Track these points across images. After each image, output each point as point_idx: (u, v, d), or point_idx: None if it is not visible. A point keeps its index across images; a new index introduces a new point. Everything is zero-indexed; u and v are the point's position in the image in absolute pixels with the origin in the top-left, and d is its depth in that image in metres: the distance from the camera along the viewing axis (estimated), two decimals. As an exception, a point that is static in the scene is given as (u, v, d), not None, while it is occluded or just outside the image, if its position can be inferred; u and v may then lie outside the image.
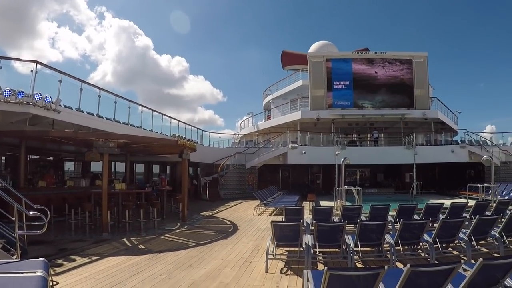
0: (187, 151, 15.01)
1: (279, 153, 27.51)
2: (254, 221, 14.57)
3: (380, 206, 11.73)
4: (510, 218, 8.78)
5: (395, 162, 28.68)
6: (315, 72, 30.30)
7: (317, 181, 32.71)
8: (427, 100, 31.18)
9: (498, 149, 29.93)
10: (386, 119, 31.04)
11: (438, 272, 4.41)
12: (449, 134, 32.63)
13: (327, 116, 29.77)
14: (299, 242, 7.64)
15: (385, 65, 30.92)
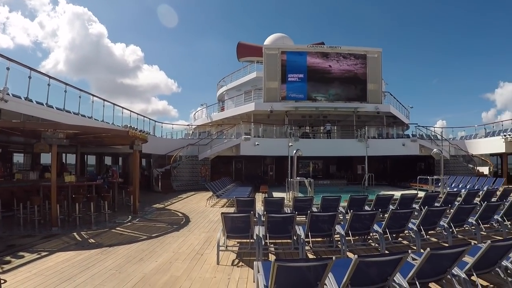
0: (138, 142, 14.72)
1: (232, 145, 27.41)
2: (206, 212, 14.49)
3: (331, 197, 11.92)
4: (458, 209, 9.20)
5: (347, 154, 29.39)
6: (270, 64, 30.36)
7: (270, 173, 32.83)
8: (380, 94, 31.88)
9: (448, 143, 31.24)
10: (339, 112, 31.52)
11: (386, 262, 4.56)
12: (401, 128, 33.70)
13: (280, 108, 29.95)
14: (250, 234, 7.68)
15: (339, 59, 31.33)
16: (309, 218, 7.99)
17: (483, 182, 21.38)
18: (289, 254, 7.95)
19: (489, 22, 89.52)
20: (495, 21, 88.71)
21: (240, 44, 39.99)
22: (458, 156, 31.16)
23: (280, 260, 4.09)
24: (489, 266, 5.46)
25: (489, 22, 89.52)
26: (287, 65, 30.62)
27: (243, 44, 39.90)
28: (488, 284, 5.83)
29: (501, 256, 5.37)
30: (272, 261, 3.98)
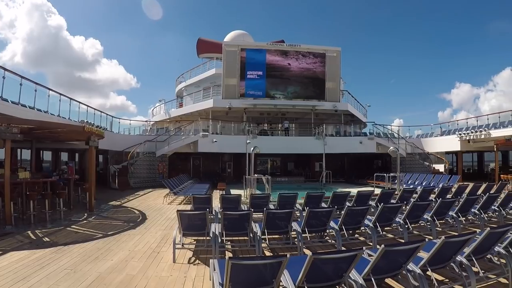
0: (94, 137, 14.46)
1: (190, 141, 27.22)
2: (163, 210, 14.40)
3: (288, 195, 11.97)
4: (413, 205, 9.43)
5: (305, 151, 29.77)
6: (229, 61, 30.21)
7: (228, 170, 32.92)
8: (338, 93, 32.30)
9: (405, 141, 32.17)
10: (298, 110, 31.82)
11: (340, 259, 4.64)
12: (358, 126, 34.28)
13: (239, 105, 29.93)
14: (206, 231, 7.67)
15: (298, 58, 31.50)
16: (265, 215, 7.97)
17: (439, 179, 21.94)
18: (246, 251, 7.98)
19: (446, 26, 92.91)
20: (452, 25, 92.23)
21: (200, 40, 39.75)
22: (415, 154, 32.21)
23: (233, 258, 4.10)
24: (444, 261, 5.61)
25: (446, 26, 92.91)
26: (247, 62, 30.53)
27: (203, 40, 39.66)
28: (444, 278, 6.02)
29: (456, 251, 5.52)
30: (226, 259, 4.00)
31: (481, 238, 5.56)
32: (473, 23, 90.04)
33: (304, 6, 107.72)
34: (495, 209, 11.56)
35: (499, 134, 27.52)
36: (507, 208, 11.92)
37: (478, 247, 5.64)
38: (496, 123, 29.55)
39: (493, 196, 11.59)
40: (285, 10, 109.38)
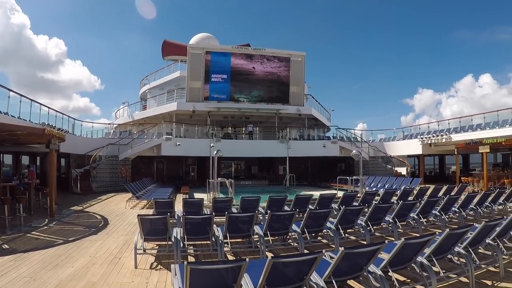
0: (55, 140, 14.21)
1: (153, 145, 27.01)
2: (126, 215, 14.27)
3: (251, 198, 12.02)
4: (375, 208, 9.62)
5: (269, 155, 30.03)
6: (194, 63, 30.05)
7: (192, 174, 32.72)
8: (302, 97, 32.73)
9: (367, 145, 32.80)
10: (262, 113, 32.13)
11: (301, 262, 4.70)
12: (322, 130, 34.83)
13: (203, 109, 29.92)
14: (168, 236, 7.63)
15: (263, 62, 31.63)
16: (227, 219, 8.03)
17: (401, 182, 22.50)
18: (208, 255, 7.98)
19: (409, 34, 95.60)
20: (415, 33, 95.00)
21: (165, 42, 39.48)
22: (377, 157, 32.90)
23: (192, 263, 4.10)
24: (405, 262, 5.72)
25: (409, 34, 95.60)
26: (211, 65, 30.46)
27: (168, 42, 39.40)
28: (406, 279, 6.17)
29: (416, 252, 5.63)
30: (185, 264, 3.98)
31: (441, 239, 5.73)
32: (436, 31, 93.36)
33: (270, 11, 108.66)
34: (455, 210, 11.96)
35: (459, 138, 28.40)
36: (467, 209, 12.38)
37: (438, 248, 5.81)
38: (457, 128, 30.57)
39: (453, 198, 12.05)
40: (252, 15, 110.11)
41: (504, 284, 6.06)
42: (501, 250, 6.78)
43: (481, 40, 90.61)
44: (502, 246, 6.99)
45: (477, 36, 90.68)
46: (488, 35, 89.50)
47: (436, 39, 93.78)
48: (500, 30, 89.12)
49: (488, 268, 6.71)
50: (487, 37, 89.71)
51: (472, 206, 12.62)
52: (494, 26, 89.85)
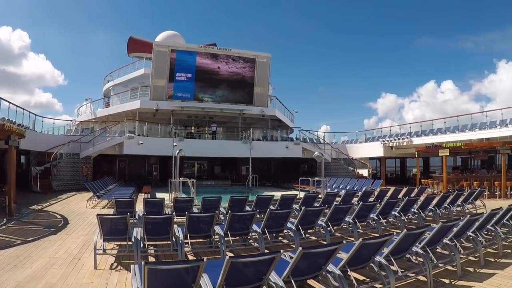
0: (14, 137, 13.95)
1: (115, 143, 26.70)
2: (86, 214, 14.10)
3: (212, 198, 12.11)
4: (335, 208, 9.81)
5: (232, 155, 30.14)
6: (159, 61, 29.76)
7: (155, 173, 32.54)
8: (266, 98, 32.96)
9: (330, 147, 33.44)
10: (225, 113, 32.19)
11: (259, 262, 4.74)
12: (285, 131, 35.27)
13: (166, 107, 29.74)
14: (128, 236, 7.58)
15: (228, 62, 31.66)
16: (187, 219, 8.03)
17: (362, 184, 22.86)
18: (169, 256, 7.99)
19: (374, 39, 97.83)
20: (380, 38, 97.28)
21: (131, 38, 38.98)
22: (340, 159, 33.63)
23: (150, 263, 4.11)
24: (364, 262, 5.82)
25: (374, 39, 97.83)
26: (176, 64, 30.27)
27: (134, 39, 38.90)
28: (365, 278, 6.31)
29: (374, 252, 5.75)
30: (142, 264, 3.98)
31: (399, 239, 5.89)
32: (401, 37, 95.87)
33: (237, 11, 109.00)
34: (414, 211, 12.25)
35: (420, 142, 29.40)
36: (426, 210, 12.70)
37: (396, 248, 5.97)
38: (418, 132, 31.63)
39: (412, 199, 12.40)
40: (219, 14, 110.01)
41: (461, 282, 6.32)
42: (458, 250, 7.05)
43: (445, 48, 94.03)
44: (459, 246, 7.27)
45: (441, 43, 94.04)
46: (452, 43, 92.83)
47: (401, 45, 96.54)
48: (464, 39, 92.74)
49: (446, 267, 6.96)
50: (450, 45, 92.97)
51: (431, 207, 12.95)
52: (457, 35, 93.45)
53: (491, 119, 26.97)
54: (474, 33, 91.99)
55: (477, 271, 6.98)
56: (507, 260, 7.71)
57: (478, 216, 7.97)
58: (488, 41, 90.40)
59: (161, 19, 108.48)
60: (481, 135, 25.57)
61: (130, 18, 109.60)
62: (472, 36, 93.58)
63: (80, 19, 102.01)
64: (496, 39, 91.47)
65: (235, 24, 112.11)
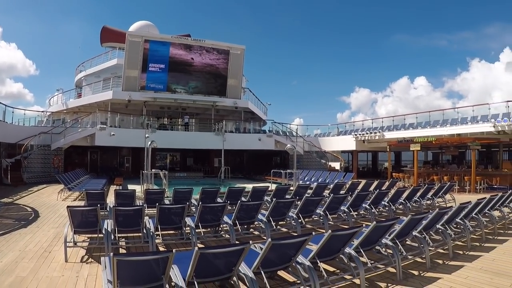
0: (-17, 129, 13.75)
1: (87, 134, 26.38)
2: (57, 207, 13.97)
3: (183, 190, 12.03)
4: (306, 200, 9.96)
5: (204, 147, 30.30)
6: (132, 51, 29.35)
7: (127, 165, 32.47)
8: (240, 90, 32.96)
9: (302, 140, 33.69)
10: (198, 105, 32.08)
11: (229, 253, 4.78)
12: (258, 123, 35.41)
13: (139, 98, 29.49)
14: (99, 228, 7.51)
15: (202, 53, 31.48)
16: (158, 211, 8.04)
17: (334, 176, 23.02)
18: (140, 247, 7.96)
19: (349, 34, 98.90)
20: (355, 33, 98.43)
21: (104, 28, 38.32)
22: (312, 152, 33.93)
23: (118, 255, 4.11)
24: (333, 253, 5.90)
25: (349, 34, 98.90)
26: (149, 54, 29.91)
27: (107, 28, 38.29)
28: (335, 269, 6.44)
29: (344, 244, 5.83)
30: (111, 255, 3.97)
31: (368, 231, 6.00)
32: (376, 34, 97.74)
33: (212, 4, 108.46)
34: (385, 204, 12.50)
35: (392, 136, 30.00)
36: (396, 203, 12.96)
37: (366, 240, 6.07)
38: (390, 126, 32.24)
39: (383, 192, 12.64)
40: (194, 7, 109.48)
41: (430, 274, 6.49)
42: (427, 242, 7.22)
43: (419, 45, 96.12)
44: (428, 239, 7.44)
45: (415, 40, 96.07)
46: (426, 40, 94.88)
47: (376, 41, 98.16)
48: (438, 37, 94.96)
49: (415, 259, 7.18)
50: (425, 42, 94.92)
51: (402, 200, 13.20)
52: (432, 33, 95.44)
53: (462, 115, 27.70)
54: (449, 31, 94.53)
55: (446, 263, 7.20)
56: (475, 252, 7.98)
57: (447, 209, 8.21)
58: (462, 39, 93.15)
59: (135, 9, 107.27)
60: (452, 131, 26.24)
61: (104, 7, 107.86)
62: (446, 34, 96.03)
63: (53, 8, 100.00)
64: (469, 38, 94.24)
65: (209, 19, 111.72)
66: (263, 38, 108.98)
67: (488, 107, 26.06)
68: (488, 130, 24.01)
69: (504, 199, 11.54)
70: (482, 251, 8.14)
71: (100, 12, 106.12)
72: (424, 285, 5.94)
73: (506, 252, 8.07)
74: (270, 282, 5.52)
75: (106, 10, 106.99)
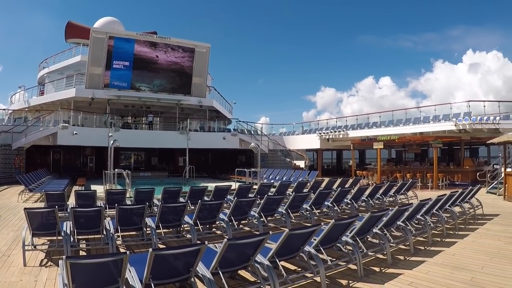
0: None
1: (49, 133, 25.92)
2: (18, 209, 13.69)
3: (145, 190, 12.05)
4: (268, 199, 10.06)
5: (169, 146, 30.22)
6: (96, 48, 28.78)
7: (90, 164, 32.10)
8: (205, 88, 32.96)
9: (267, 138, 34.02)
10: (163, 103, 31.94)
11: (186, 253, 4.72)
12: (223, 122, 35.37)
13: (102, 96, 29.10)
14: (58, 230, 7.32)
15: (167, 51, 31.29)
16: (117, 212, 7.96)
17: (298, 175, 23.48)
18: (100, 249, 7.82)
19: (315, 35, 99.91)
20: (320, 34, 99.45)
21: (69, 23, 37.29)
22: (277, 151, 34.40)
23: (72, 258, 4.08)
24: (293, 252, 5.90)
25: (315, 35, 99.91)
26: (114, 51, 29.48)
27: (73, 24, 37.30)
28: (296, 268, 6.49)
29: (303, 242, 5.82)
30: (64, 258, 3.90)
31: (327, 229, 6.04)
32: (343, 34, 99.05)
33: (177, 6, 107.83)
34: (347, 202, 12.75)
35: (356, 135, 30.78)
36: (359, 201, 13.24)
37: (325, 237, 6.13)
38: (354, 125, 33.04)
39: (345, 190, 12.90)
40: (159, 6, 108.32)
41: (391, 270, 6.65)
42: (388, 239, 7.39)
43: (385, 46, 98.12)
44: (389, 235, 7.62)
45: (381, 41, 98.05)
46: (391, 41, 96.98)
47: (342, 41, 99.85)
48: (403, 38, 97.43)
49: (377, 255, 7.30)
50: (390, 43, 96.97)
51: (364, 198, 13.40)
52: (397, 34, 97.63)
53: (425, 114, 28.78)
54: (414, 33, 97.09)
55: (407, 259, 7.39)
56: (436, 248, 8.21)
57: (407, 206, 8.42)
58: (426, 41, 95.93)
59: (103, 4, 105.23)
60: (415, 130, 27.14)
61: (70, 1, 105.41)
62: (411, 35, 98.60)
63: (15, 1, 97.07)
64: (434, 39, 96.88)
65: (175, 17, 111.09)
66: (229, 38, 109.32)
67: (450, 107, 27.15)
68: (449, 129, 25.02)
69: (464, 195, 11.97)
70: (443, 246, 8.39)
71: (66, 7, 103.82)
72: (386, 281, 6.08)
73: (467, 247, 8.33)
74: (231, 282, 5.73)
75: (72, 5, 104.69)
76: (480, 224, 11.17)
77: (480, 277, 6.30)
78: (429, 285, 5.95)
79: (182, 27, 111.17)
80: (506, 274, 6.45)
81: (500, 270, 6.67)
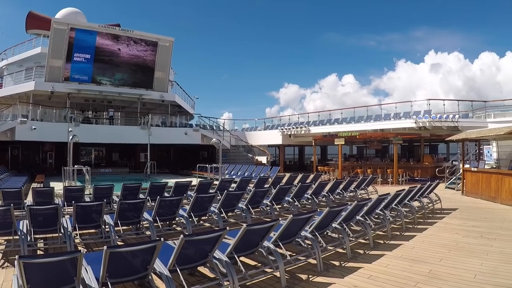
0: None
1: (7, 128, 24.92)
2: (-26, 208, 13.25)
3: (104, 186, 11.84)
4: (227, 195, 10.09)
5: (130, 142, 29.69)
6: (57, 40, 27.85)
7: (50, 161, 31.23)
8: (167, 83, 32.68)
9: (229, 134, 34.04)
10: (124, 98, 31.49)
11: (143, 250, 4.65)
12: (185, 117, 35.36)
13: (62, 90, 28.27)
14: (14, 230, 7.09)
15: (130, 44, 30.77)
16: (74, 209, 7.77)
17: (260, 170, 23.62)
18: (59, 248, 7.51)
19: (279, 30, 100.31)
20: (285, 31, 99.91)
21: (31, 13, 35.74)
22: (239, 146, 34.55)
23: (25, 257, 3.97)
24: (252, 247, 5.97)
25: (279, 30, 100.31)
26: (75, 44, 28.56)
27: (34, 14, 35.79)
28: (256, 263, 6.57)
29: (262, 238, 5.89)
30: (16, 258, 3.79)
31: (286, 224, 6.05)
32: (307, 32, 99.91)
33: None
34: (308, 197, 12.98)
35: (317, 131, 31.26)
36: (319, 196, 13.52)
37: (284, 233, 6.16)
38: (316, 121, 33.47)
39: (306, 185, 13.11)
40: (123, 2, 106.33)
41: (351, 264, 6.82)
42: (347, 233, 7.48)
43: (348, 44, 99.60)
44: (348, 230, 7.66)
45: (345, 40, 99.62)
46: (356, 40, 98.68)
47: (306, 38, 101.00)
48: (367, 38, 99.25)
49: (336, 249, 7.47)
50: (354, 42, 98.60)
51: (325, 193, 13.68)
52: (361, 33, 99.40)
53: (387, 112, 29.47)
54: (377, 32, 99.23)
55: (367, 252, 7.59)
56: (395, 241, 8.47)
57: (366, 201, 8.66)
58: (389, 41, 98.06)
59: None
60: (376, 126, 27.83)
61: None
62: (375, 35, 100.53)
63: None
64: (397, 40, 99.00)
65: (139, 11, 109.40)
66: (193, 33, 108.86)
67: (411, 105, 27.95)
68: (410, 126, 25.88)
69: (423, 190, 12.39)
70: (402, 240, 8.66)
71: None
72: (345, 275, 6.21)
73: (425, 240, 8.65)
74: (190, 278, 5.77)
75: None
76: (438, 218, 11.64)
77: (438, 269, 6.55)
78: (388, 278, 6.15)
79: (146, 21, 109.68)
80: (464, 266, 6.73)
81: (457, 262, 6.95)
